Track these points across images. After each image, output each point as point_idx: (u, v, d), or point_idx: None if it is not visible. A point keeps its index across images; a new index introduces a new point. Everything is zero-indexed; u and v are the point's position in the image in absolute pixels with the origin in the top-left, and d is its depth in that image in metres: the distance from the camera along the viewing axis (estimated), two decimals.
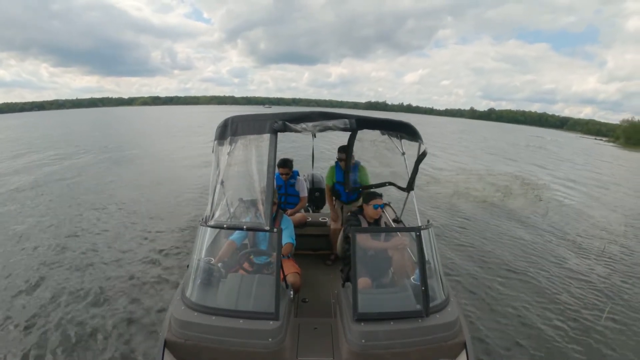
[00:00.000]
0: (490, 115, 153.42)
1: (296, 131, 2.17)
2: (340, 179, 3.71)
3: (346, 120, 2.20)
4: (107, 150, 15.36)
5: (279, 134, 2.14)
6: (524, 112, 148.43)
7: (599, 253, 5.88)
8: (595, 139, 60.30)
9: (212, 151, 2.49)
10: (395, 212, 3.99)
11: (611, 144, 48.65)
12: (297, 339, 2.16)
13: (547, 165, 17.46)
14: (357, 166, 3.69)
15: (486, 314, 3.82)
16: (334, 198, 3.87)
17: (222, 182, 2.45)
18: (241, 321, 1.89)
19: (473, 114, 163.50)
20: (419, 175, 2.81)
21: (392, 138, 3.28)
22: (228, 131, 2.32)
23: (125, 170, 11.04)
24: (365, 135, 3.34)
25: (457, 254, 5.37)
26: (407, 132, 2.63)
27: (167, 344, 1.90)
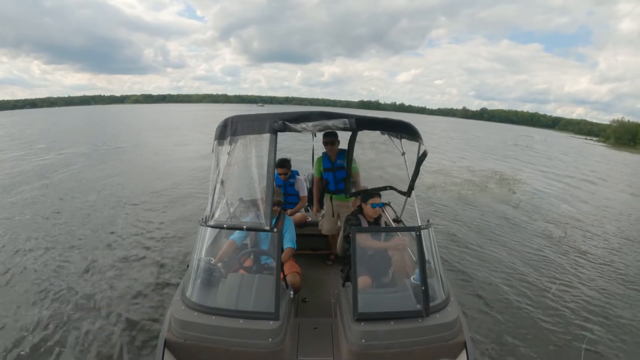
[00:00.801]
0: (483, 115, 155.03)
1: (296, 131, 2.17)
2: (327, 165, 3.53)
3: (346, 120, 2.20)
4: (109, 148, 15.41)
5: (279, 134, 2.14)
6: (516, 112, 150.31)
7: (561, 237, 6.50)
8: (586, 138, 61.30)
9: (212, 151, 2.49)
10: (395, 212, 3.99)
11: (601, 144, 49.77)
12: (297, 338, 2.16)
13: (531, 162, 18.25)
14: (344, 155, 3.50)
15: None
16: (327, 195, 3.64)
17: (222, 182, 2.44)
18: (241, 321, 1.89)
19: (465, 114, 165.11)
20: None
21: (392, 138, 3.28)
22: (228, 131, 2.32)
23: (125, 168, 11.08)
24: (365, 136, 3.33)
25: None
26: (407, 132, 2.62)
27: (167, 344, 1.90)
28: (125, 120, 38.03)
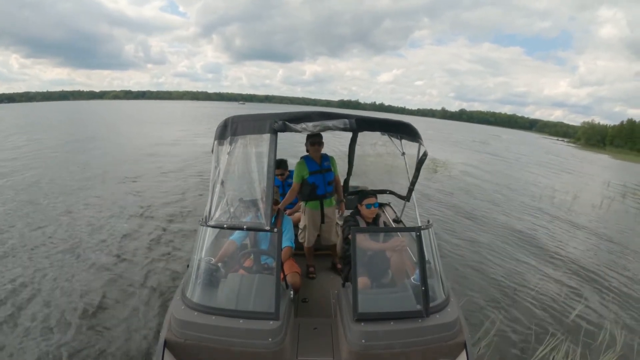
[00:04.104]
0: (461, 116, 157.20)
1: (296, 131, 2.18)
2: (315, 168, 3.15)
3: (346, 120, 2.20)
4: (105, 144, 15.40)
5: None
6: (494, 114, 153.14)
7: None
8: (557, 139, 62.89)
9: (212, 151, 2.49)
10: (395, 212, 4.00)
11: (571, 144, 51.89)
12: (297, 339, 2.16)
13: (474, 150, 22.39)
14: (327, 157, 3.26)
15: None
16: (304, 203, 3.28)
17: (222, 182, 2.45)
18: (241, 321, 1.89)
19: (444, 114, 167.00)
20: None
21: (392, 138, 3.28)
22: (228, 131, 2.32)
23: (124, 165, 11.08)
24: (365, 137, 3.31)
25: None
26: (407, 132, 2.63)
27: (167, 344, 1.89)
28: (113, 121, 38.01)
